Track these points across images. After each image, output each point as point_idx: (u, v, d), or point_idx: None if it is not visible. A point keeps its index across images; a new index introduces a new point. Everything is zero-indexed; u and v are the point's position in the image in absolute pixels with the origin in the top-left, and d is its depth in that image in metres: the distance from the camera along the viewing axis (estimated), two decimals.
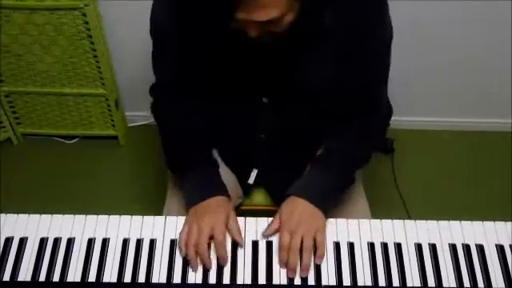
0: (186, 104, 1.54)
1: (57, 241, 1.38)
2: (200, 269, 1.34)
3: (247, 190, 1.73)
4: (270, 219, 1.42)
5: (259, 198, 1.76)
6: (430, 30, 2.40)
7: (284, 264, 1.34)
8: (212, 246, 1.37)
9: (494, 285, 1.33)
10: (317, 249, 1.35)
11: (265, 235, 1.39)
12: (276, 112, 1.51)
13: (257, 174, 1.69)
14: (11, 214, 1.42)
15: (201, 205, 1.43)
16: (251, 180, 1.70)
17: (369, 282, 1.32)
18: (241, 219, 1.43)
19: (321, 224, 1.40)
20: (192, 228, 1.37)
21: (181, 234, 1.39)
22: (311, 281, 1.32)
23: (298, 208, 1.40)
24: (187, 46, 1.40)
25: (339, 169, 1.50)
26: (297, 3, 1.16)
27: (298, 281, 1.32)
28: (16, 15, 2.20)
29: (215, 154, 1.64)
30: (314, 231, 1.36)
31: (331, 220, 1.43)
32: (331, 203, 1.47)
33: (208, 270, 1.34)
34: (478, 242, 1.39)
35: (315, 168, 1.49)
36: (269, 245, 1.38)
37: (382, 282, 1.32)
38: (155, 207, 1.73)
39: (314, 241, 1.36)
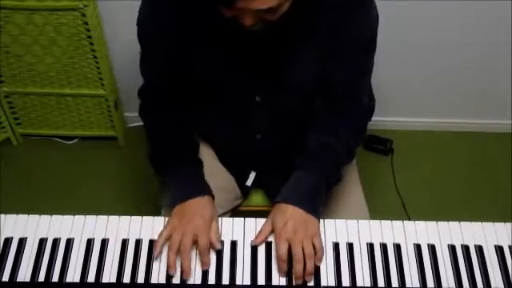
0: (173, 106, 1.55)
1: (56, 241, 1.37)
2: (199, 270, 1.34)
3: (245, 191, 1.73)
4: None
5: (257, 199, 1.76)
6: (431, 31, 2.40)
7: (283, 273, 1.33)
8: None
9: (493, 285, 1.33)
10: (316, 253, 1.35)
11: (256, 243, 1.38)
12: (269, 110, 1.52)
13: (255, 177, 1.70)
14: (10, 215, 1.42)
15: (186, 205, 1.42)
16: (249, 182, 1.70)
17: (368, 283, 1.32)
18: (240, 220, 1.43)
19: (315, 227, 1.39)
20: (176, 230, 1.37)
21: (162, 232, 1.38)
22: (310, 282, 1.32)
23: (291, 215, 1.38)
24: (176, 46, 1.41)
25: (324, 169, 1.47)
26: None
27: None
28: (16, 16, 2.20)
29: (203, 155, 1.64)
30: (311, 236, 1.36)
31: (330, 221, 1.43)
32: (321, 204, 1.46)
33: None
34: (477, 243, 1.39)
35: (300, 171, 1.47)
36: (268, 245, 1.38)
37: (381, 282, 1.32)
38: (154, 208, 1.73)
39: (313, 245, 1.36)
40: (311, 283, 1.32)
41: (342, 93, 1.49)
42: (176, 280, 1.32)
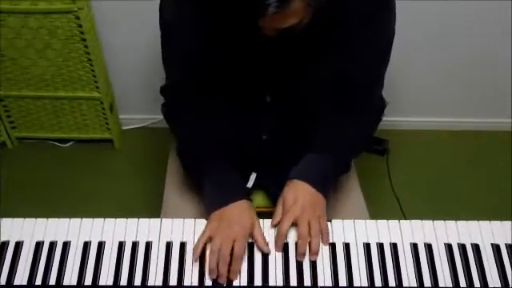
0: (199, 104, 1.54)
1: (52, 244, 1.37)
2: (196, 271, 1.34)
3: (247, 193, 1.73)
4: (269, 220, 1.43)
5: (258, 200, 1.76)
6: (429, 29, 2.41)
7: (279, 249, 1.36)
8: None
9: (490, 284, 1.33)
10: (323, 234, 1.38)
11: (274, 224, 1.41)
12: (278, 112, 1.52)
13: (255, 178, 1.69)
14: (7, 218, 1.42)
15: (224, 210, 1.42)
16: (250, 184, 1.69)
17: (365, 283, 1.32)
18: None
19: (323, 209, 1.43)
20: (217, 234, 1.37)
21: (202, 234, 1.38)
22: (307, 282, 1.32)
23: (302, 193, 1.42)
24: (200, 45, 1.40)
25: (337, 154, 1.52)
26: (312, 8, 1.17)
27: (293, 282, 1.32)
28: (10, 19, 2.19)
29: None
30: (318, 217, 1.39)
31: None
32: (330, 188, 1.50)
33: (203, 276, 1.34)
34: (474, 242, 1.40)
35: (315, 153, 1.50)
36: None
37: (378, 282, 1.33)
38: (150, 210, 1.73)
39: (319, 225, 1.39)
40: (308, 283, 1.32)
41: (356, 95, 1.52)
42: (173, 282, 1.32)
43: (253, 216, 1.43)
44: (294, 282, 1.33)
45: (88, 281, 1.32)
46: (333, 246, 1.38)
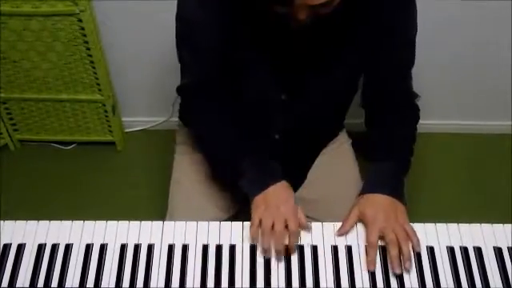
0: (219, 101, 1.53)
1: (55, 247, 1.38)
2: (198, 274, 1.34)
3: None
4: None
5: None
6: (429, 31, 2.40)
7: (372, 261, 1.35)
8: None
9: (492, 287, 1.33)
10: (411, 239, 1.37)
11: (340, 233, 1.41)
12: (292, 111, 1.52)
13: None
14: (9, 221, 1.42)
15: (268, 193, 1.42)
16: None
17: (367, 286, 1.32)
18: (238, 224, 1.42)
19: (404, 215, 1.42)
20: (265, 216, 1.37)
21: (253, 221, 1.39)
22: (309, 284, 1.32)
23: (381, 205, 1.42)
24: (222, 42, 1.40)
25: (399, 152, 1.54)
26: None
27: (296, 284, 1.32)
28: (12, 22, 2.20)
29: None
30: (402, 223, 1.39)
31: (329, 224, 1.43)
32: (404, 189, 1.49)
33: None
34: (476, 245, 1.40)
35: (378, 159, 1.51)
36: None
37: (380, 285, 1.33)
38: (153, 212, 1.73)
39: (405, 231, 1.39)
40: (310, 285, 1.32)
41: (396, 88, 1.57)
42: (175, 284, 1.32)
43: (293, 195, 1.44)
44: (296, 283, 1.33)
45: (90, 283, 1.32)
46: (335, 249, 1.38)
